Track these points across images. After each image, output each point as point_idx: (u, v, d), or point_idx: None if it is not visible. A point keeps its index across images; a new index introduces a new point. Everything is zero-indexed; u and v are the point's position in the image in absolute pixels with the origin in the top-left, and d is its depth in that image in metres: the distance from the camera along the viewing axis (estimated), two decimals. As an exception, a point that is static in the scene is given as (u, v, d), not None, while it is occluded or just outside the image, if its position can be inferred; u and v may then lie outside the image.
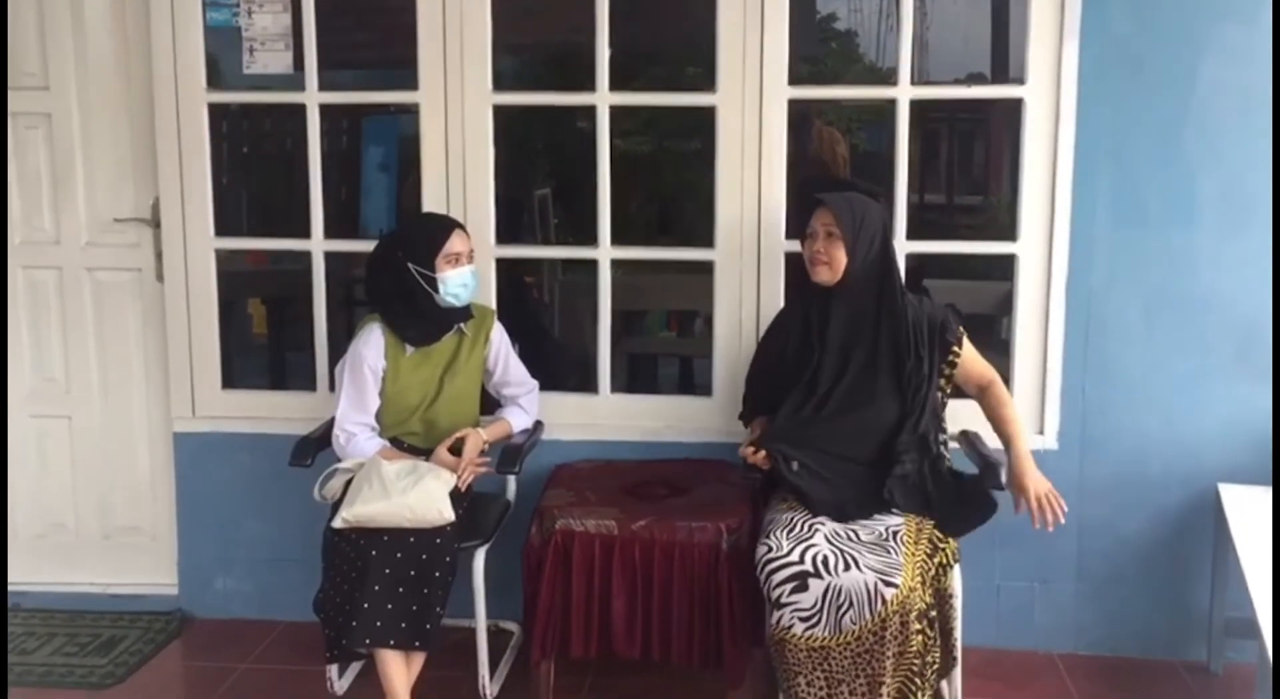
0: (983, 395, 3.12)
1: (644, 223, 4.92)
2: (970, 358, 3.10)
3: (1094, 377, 3.42)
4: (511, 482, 3.41)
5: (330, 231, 3.60)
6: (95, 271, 3.74)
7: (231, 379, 3.74)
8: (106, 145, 3.67)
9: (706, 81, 3.39)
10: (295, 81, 3.51)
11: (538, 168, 5.38)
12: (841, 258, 2.97)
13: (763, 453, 2.98)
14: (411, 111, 4.71)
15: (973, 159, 6.75)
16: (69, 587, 3.82)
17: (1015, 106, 3.33)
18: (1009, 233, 3.41)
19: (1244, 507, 3.20)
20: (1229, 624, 3.37)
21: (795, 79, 3.40)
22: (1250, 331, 3.35)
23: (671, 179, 5.26)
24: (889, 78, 3.46)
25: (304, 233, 3.59)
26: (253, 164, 5.01)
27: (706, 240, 3.48)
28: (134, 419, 3.80)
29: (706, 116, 3.41)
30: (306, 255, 3.61)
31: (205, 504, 3.71)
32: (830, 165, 4.26)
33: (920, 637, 2.77)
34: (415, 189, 3.53)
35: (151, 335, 3.74)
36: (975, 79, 5.09)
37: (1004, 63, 5.47)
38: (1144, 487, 3.46)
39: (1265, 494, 3.27)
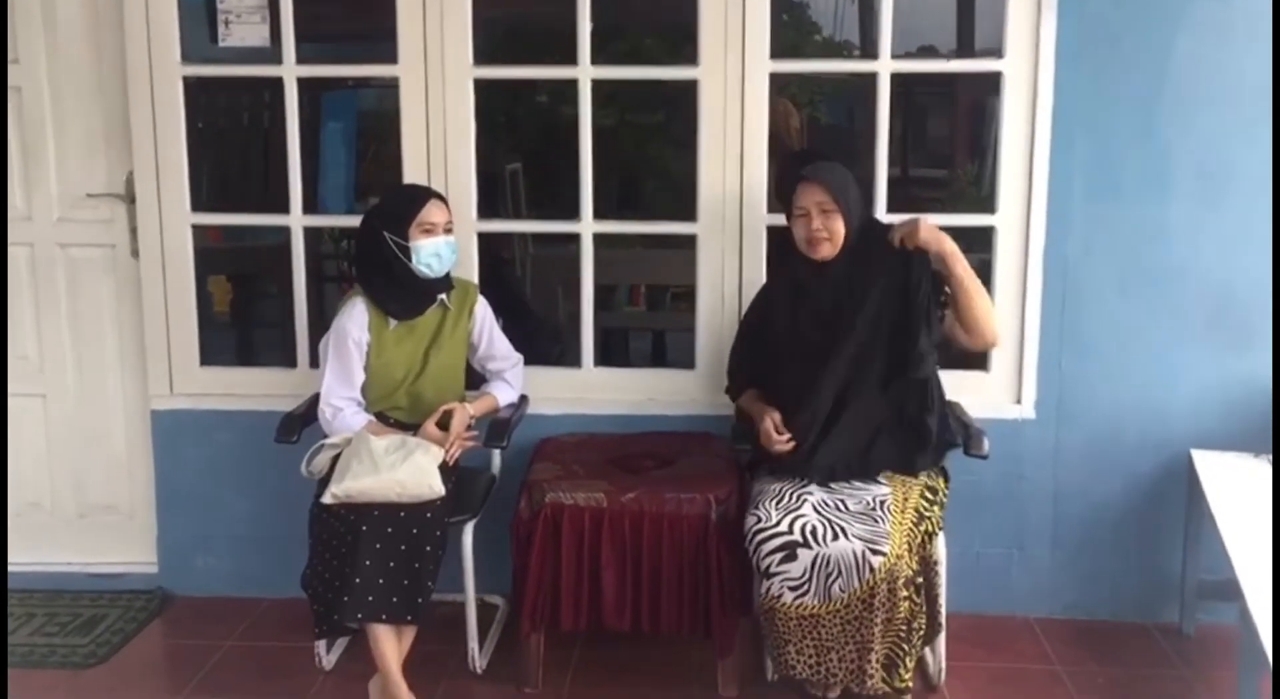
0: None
1: (605, 196, 4.95)
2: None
3: (1070, 347, 3.47)
4: (496, 456, 3.41)
5: (278, 206, 3.57)
6: (68, 248, 3.69)
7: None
8: (78, 120, 3.61)
9: (667, 54, 3.37)
10: (271, 55, 3.47)
11: (505, 142, 5.35)
12: (841, 231, 3.00)
13: (791, 442, 3.01)
14: (371, 86, 4.67)
15: (932, 133, 6.79)
16: (46, 566, 3.77)
17: (981, 80, 3.36)
18: (975, 205, 3.44)
19: (1217, 472, 3.27)
20: (1201, 586, 3.45)
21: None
22: (1222, 301, 3.42)
23: (632, 153, 5.26)
24: (846, 50, 3.46)
25: (279, 208, 3.56)
26: (223, 138, 4.95)
27: (668, 213, 3.48)
28: (109, 397, 3.76)
29: (669, 90, 3.40)
30: (271, 231, 3.58)
31: (184, 482, 3.69)
32: (785, 138, 4.27)
33: (907, 603, 2.81)
34: (375, 165, 3.51)
35: (126, 312, 3.70)
36: (934, 52, 5.13)
37: (970, 36, 5.53)
38: (1118, 454, 3.52)
39: (1238, 459, 3.35)
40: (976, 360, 3.43)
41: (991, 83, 3.40)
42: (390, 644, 2.92)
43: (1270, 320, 3.39)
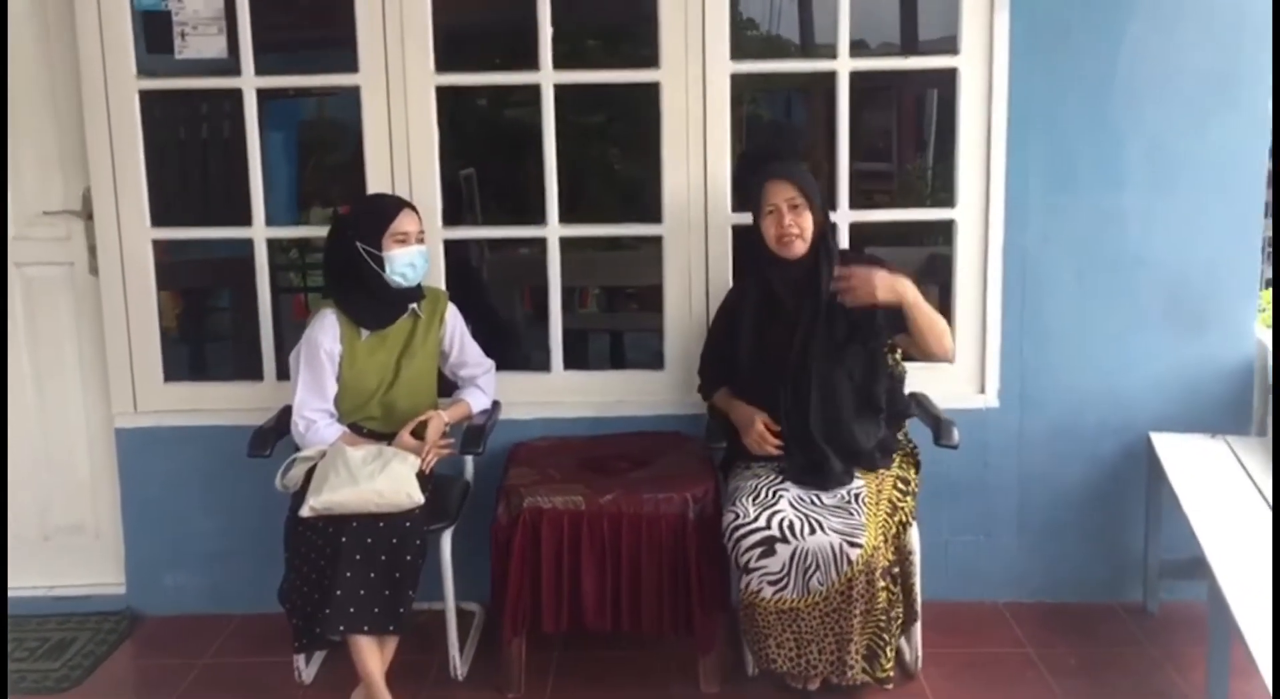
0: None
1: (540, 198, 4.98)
2: None
3: (1031, 335, 3.54)
4: (469, 463, 3.42)
5: (232, 219, 3.55)
6: (24, 267, 3.63)
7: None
8: (31, 136, 3.54)
9: (608, 56, 3.37)
10: (229, 66, 3.43)
11: (453, 147, 5.35)
12: (810, 227, 3.04)
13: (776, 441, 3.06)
14: (312, 95, 4.62)
15: (875, 127, 6.87)
16: (11, 591, 3.67)
17: (922, 75, 3.41)
18: (921, 199, 3.49)
19: (1177, 454, 3.36)
20: (1163, 566, 3.54)
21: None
22: (1176, 287, 3.51)
23: (577, 155, 5.27)
24: (784, 47, 3.49)
25: (231, 220, 3.54)
26: (176, 151, 4.89)
27: (615, 214, 3.49)
28: (71, 417, 3.70)
29: (612, 92, 3.39)
30: (218, 244, 3.56)
31: (151, 500, 3.64)
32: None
33: (885, 593, 2.87)
34: (316, 175, 3.49)
35: (86, 331, 3.64)
36: (889, 48, 5.19)
37: (913, 33, 5.60)
38: (1080, 439, 3.60)
39: (1195, 441, 3.45)
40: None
41: (933, 77, 3.46)
42: (373, 655, 2.92)
43: (1224, 304, 3.50)
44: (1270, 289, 4.16)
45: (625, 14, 4.32)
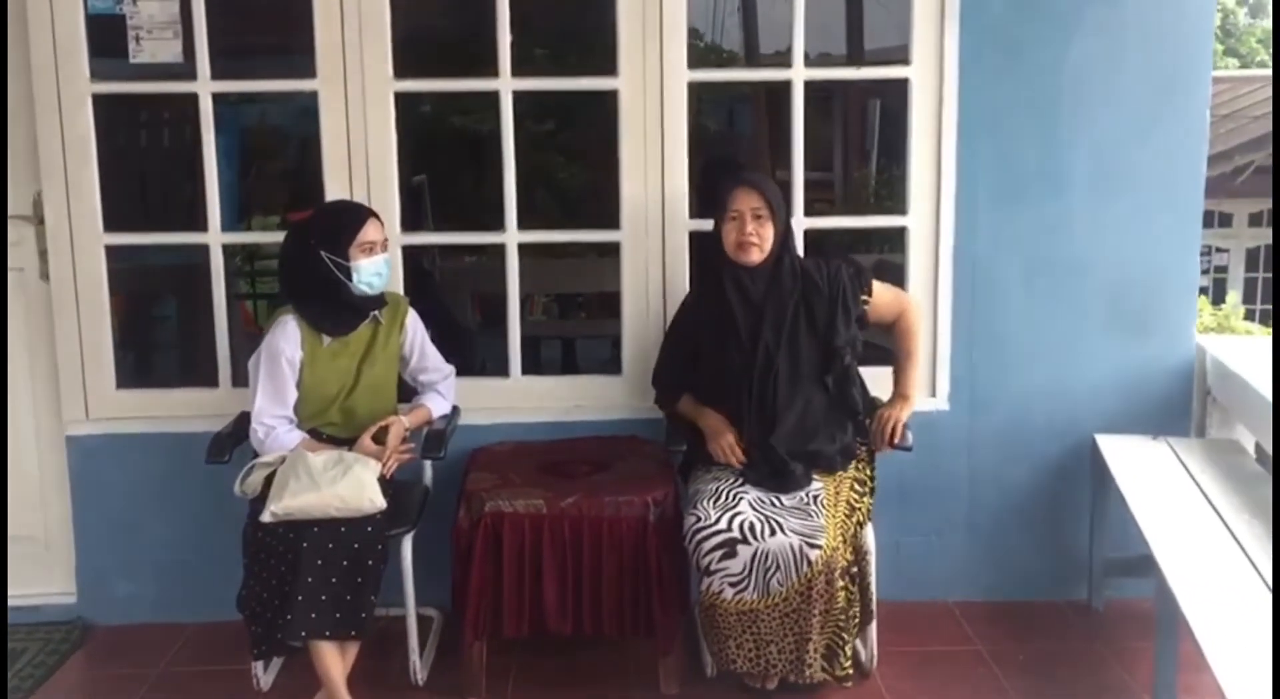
0: (894, 326, 3.27)
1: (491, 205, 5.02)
2: (879, 302, 3.22)
3: (980, 340, 3.62)
4: (428, 467, 3.42)
5: (177, 225, 3.53)
6: (-29, 272, 3.58)
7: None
8: (-21, 140, 3.50)
9: (554, 64, 3.39)
10: (184, 70, 3.41)
11: (407, 154, 5.35)
12: (771, 238, 3.09)
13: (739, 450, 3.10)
14: (254, 102, 4.59)
15: (818, 137, 6.97)
16: (-43, 602, 3.65)
17: (869, 86, 3.48)
18: (866, 207, 3.55)
19: (1122, 455, 3.45)
20: (1108, 564, 3.63)
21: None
22: (1119, 291, 3.61)
23: (527, 161, 5.29)
24: (728, 58, 3.53)
25: (178, 226, 3.51)
26: (127, 156, 4.83)
27: (564, 222, 3.51)
28: (20, 425, 3.62)
29: (558, 99, 3.38)
30: (159, 251, 3.55)
31: (102, 508, 3.60)
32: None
33: (844, 593, 2.92)
34: (258, 182, 3.47)
35: (37, 337, 3.59)
36: (827, 59, 5.28)
37: (859, 42, 5.70)
38: (1027, 441, 3.69)
39: (1138, 442, 3.54)
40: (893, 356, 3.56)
41: (875, 87, 3.53)
42: (335, 661, 2.91)
43: (1165, 308, 3.61)
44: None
45: (583, 22, 4.35)
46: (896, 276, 3.62)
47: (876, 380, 3.32)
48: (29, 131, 3.43)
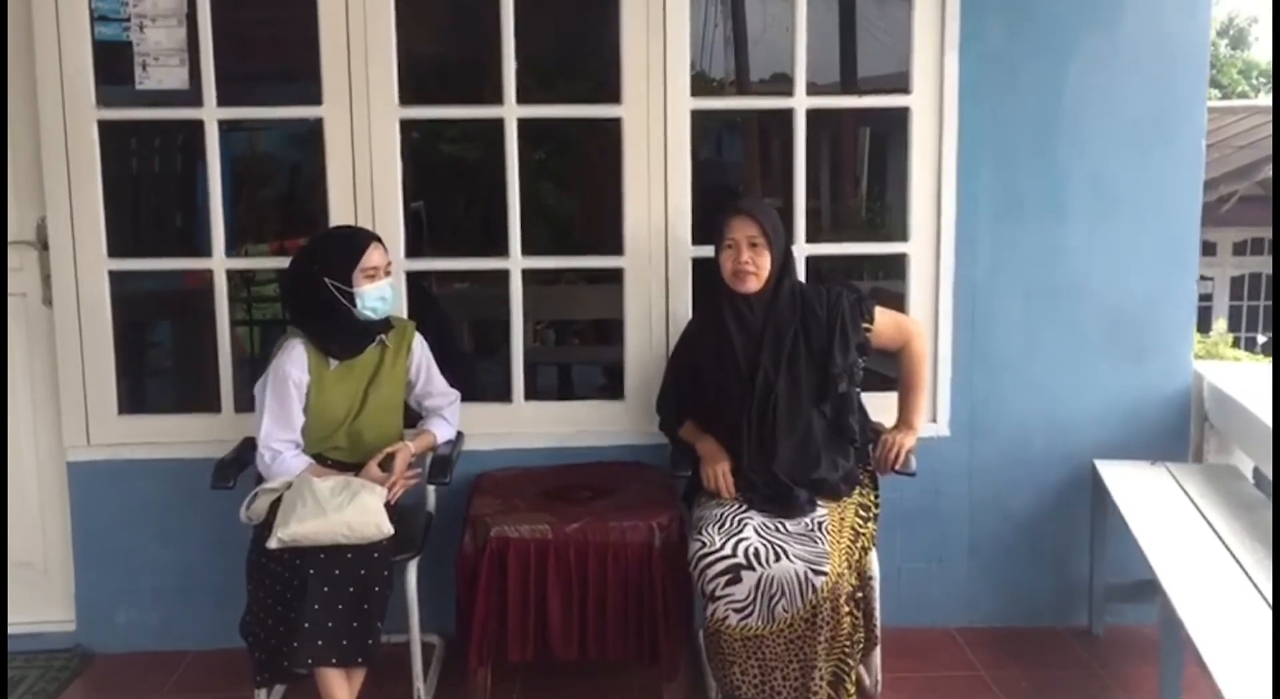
0: (900, 354, 3.28)
1: (486, 231, 5.00)
2: (882, 328, 3.22)
3: (980, 366, 3.64)
4: (431, 493, 3.41)
5: (172, 250, 3.52)
6: (-26, 298, 3.57)
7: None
8: (-16, 166, 3.50)
9: (542, 89, 3.41)
10: (190, 97, 3.43)
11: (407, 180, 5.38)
12: (768, 267, 3.10)
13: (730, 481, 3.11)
14: (244, 129, 4.61)
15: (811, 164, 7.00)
16: (-45, 629, 3.62)
17: (862, 114, 3.51)
18: (860, 233, 3.57)
19: (1122, 480, 3.47)
20: (1108, 590, 3.64)
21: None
22: (1117, 315, 3.64)
23: (524, 188, 5.32)
24: (717, 86, 3.56)
25: (176, 252, 3.51)
26: (130, 182, 4.84)
27: (548, 248, 3.53)
28: (21, 450, 3.61)
29: (550, 127, 3.38)
30: (153, 276, 3.54)
31: (103, 535, 3.58)
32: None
33: (850, 619, 2.91)
34: (249, 209, 3.47)
35: (39, 363, 3.58)
36: (818, 88, 5.32)
37: (853, 71, 5.76)
38: (1027, 467, 3.70)
39: (1137, 468, 3.56)
40: (895, 383, 3.57)
41: (868, 116, 3.56)
42: (341, 687, 2.90)
43: (1162, 334, 3.65)
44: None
45: (588, 50, 4.38)
46: (893, 304, 3.65)
47: (879, 407, 3.33)
48: (34, 156, 3.44)
